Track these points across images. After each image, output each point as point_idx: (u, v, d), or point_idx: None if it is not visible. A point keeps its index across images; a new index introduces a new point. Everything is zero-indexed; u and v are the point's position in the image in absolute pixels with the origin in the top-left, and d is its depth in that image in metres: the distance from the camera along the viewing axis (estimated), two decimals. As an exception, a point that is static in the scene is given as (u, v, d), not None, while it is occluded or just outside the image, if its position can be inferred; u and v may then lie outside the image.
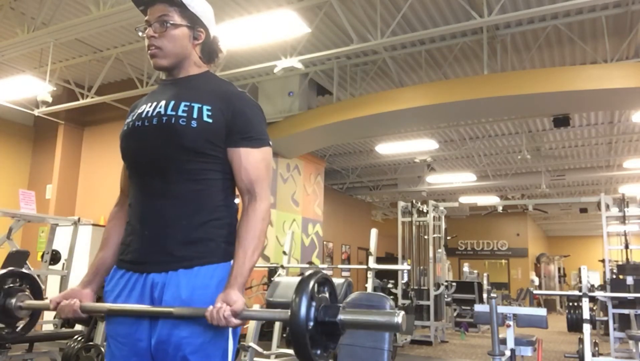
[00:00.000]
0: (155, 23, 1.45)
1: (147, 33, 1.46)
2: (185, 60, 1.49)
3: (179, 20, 1.46)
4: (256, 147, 1.42)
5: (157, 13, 1.46)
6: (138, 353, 1.37)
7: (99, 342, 4.04)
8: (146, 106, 1.47)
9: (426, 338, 7.83)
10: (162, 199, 1.39)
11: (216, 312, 1.23)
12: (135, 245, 1.41)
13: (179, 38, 1.46)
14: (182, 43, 1.47)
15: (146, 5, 1.48)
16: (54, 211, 7.83)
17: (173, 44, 1.46)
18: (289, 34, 5.64)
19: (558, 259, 18.39)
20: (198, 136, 1.38)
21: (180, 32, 1.46)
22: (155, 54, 1.46)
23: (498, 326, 3.80)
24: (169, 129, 1.39)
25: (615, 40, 6.36)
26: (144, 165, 1.43)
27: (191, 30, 1.48)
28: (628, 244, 7.57)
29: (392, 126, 7.78)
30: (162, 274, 1.35)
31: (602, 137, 9.79)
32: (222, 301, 1.25)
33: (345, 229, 13.87)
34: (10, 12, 5.94)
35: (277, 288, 3.54)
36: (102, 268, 1.50)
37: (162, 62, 1.47)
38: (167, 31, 1.45)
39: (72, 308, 1.40)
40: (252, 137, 1.42)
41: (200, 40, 1.50)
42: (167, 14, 1.45)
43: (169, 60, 1.47)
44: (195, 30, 1.49)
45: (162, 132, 1.40)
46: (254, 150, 1.42)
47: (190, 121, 1.38)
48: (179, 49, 1.47)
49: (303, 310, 1.16)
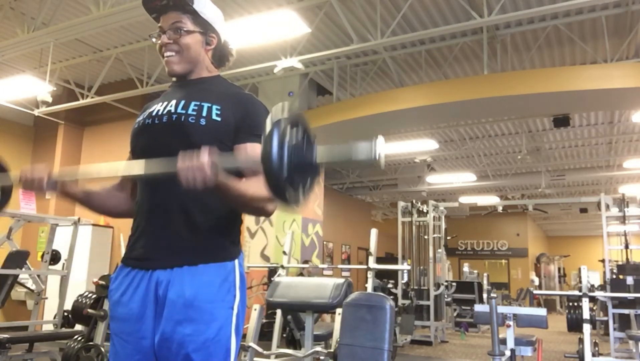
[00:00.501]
0: (169, 30, 1.48)
1: (161, 40, 1.49)
2: (198, 65, 1.53)
3: (192, 27, 1.49)
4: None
5: (170, 20, 1.48)
6: (141, 350, 1.37)
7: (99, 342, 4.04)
8: (158, 105, 1.51)
9: (426, 338, 7.82)
10: (169, 196, 1.41)
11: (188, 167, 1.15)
12: (142, 242, 1.43)
13: (193, 44, 1.49)
14: (196, 49, 1.50)
15: (159, 12, 1.51)
16: (54, 211, 7.83)
17: (187, 50, 1.49)
18: (289, 34, 5.64)
19: (558, 259, 18.39)
20: (206, 133, 1.39)
21: (194, 39, 1.49)
22: (170, 61, 1.49)
23: (498, 326, 3.80)
24: (178, 127, 1.41)
25: (615, 40, 6.36)
26: None
27: (204, 36, 1.52)
28: (628, 244, 7.57)
29: (392, 126, 7.79)
30: (167, 271, 1.36)
31: (602, 137, 9.79)
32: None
33: (345, 229, 13.87)
34: (10, 12, 5.94)
35: (277, 288, 3.54)
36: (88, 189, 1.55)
37: (177, 68, 1.50)
38: (181, 38, 1.48)
39: (41, 174, 1.40)
40: (259, 134, 1.43)
41: (213, 45, 1.54)
42: (181, 21, 1.48)
43: (184, 66, 1.50)
44: (208, 36, 1.52)
45: (172, 129, 1.42)
46: (260, 145, 1.43)
47: (199, 119, 1.41)
48: (193, 55, 1.50)
49: (275, 138, 1.08)
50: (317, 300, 3.32)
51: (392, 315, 2.81)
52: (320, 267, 7.96)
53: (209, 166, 1.15)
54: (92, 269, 7.20)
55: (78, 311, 4.51)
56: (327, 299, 3.27)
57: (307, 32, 5.55)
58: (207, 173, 1.15)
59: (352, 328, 2.83)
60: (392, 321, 2.81)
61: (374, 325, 2.76)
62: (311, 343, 3.46)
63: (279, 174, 1.08)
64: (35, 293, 5.08)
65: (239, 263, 1.44)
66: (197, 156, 1.15)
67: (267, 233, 8.37)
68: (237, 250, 1.44)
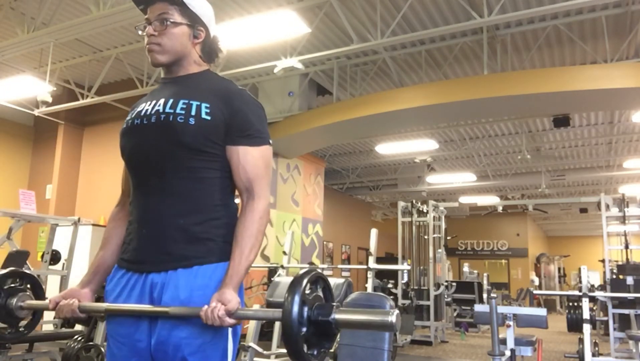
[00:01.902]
0: (155, 21, 1.46)
1: (147, 31, 1.47)
2: (185, 58, 1.50)
3: (179, 19, 1.46)
4: (255, 145, 1.42)
5: (157, 11, 1.46)
6: (138, 353, 1.37)
7: (99, 342, 4.04)
8: (146, 104, 1.48)
9: (426, 338, 7.83)
10: (160, 197, 1.39)
11: (210, 311, 1.23)
12: (134, 244, 1.41)
13: (179, 36, 1.47)
14: (182, 41, 1.47)
15: (146, 4, 1.49)
16: (54, 211, 7.83)
17: (172, 41, 1.46)
18: (289, 34, 5.64)
19: (558, 259, 18.39)
20: (196, 133, 1.37)
21: (180, 30, 1.47)
22: (153, 49, 1.46)
23: (498, 326, 3.80)
24: (167, 127, 1.39)
25: (615, 40, 6.36)
26: (142, 163, 1.43)
27: (191, 28, 1.49)
28: (628, 244, 7.57)
29: (392, 126, 7.79)
30: (161, 274, 1.36)
31: (602, 137, 9.79)
32: (216, 300, 1.25)
33: (345, 229, 13.87)
34: (10, 12, 5.94)
35: (277, 288, 3.54)
36: (102, 267, 1.51)
37: (160, 58, 1.47)
38: (167, 29, 1.45)
39: (71, 307, 1.40)
40: (251, 135, 1.42)
41: (200, 39, 1.51)
42: (167, 12, 1.45)
43: (168, 56, 1.47)
44: (195, 29, 1.49)
45: (161, 129, 1.40)
46: (253, 148, 1.42)
47: (188, 118, 1.38)
48: (179, 47, 1.47)
49: (295, 308, 1.15)
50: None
51: (392, 315, 2.80)
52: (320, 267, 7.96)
53: (228, 316, 1.25)
54: (92, 269, 7.19)
55: (78, 311, 4.50)
56: (327, 299, 3.26)
57: (307, 32, 5.55)
58: (225, 322, 1.25)
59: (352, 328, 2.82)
60: (392, 321, 2.80)
61: (374, 325, 2.76)
62: (311, 343, 3.45)
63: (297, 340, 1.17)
64: (35, 293, 5.07)
65: None
66: (219, 307, 1.24)
67: (267, 233, 8.36)
68: (231, 249, 1.43)
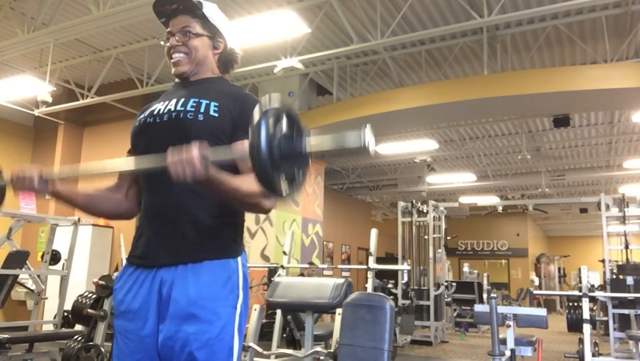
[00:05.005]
0: (179, 33, 1.53)
1: (170, 42, 1.53)
2: (203, 67, 1.57)
3: (200, 31, 1.54)
4: None
5: (179, 24, 1.53)
6: (145, 348, 1.39)
7: (99, 342, 4.04)
8: (159, 104, 1.53)
9: (426, 338, 7.82)
10: (170, 194, 1.42)
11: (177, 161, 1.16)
12: (145, 240, 1.45)
13: (201, 47, 1.54)
14: (203, 52, 1.55)
15: (168, 17, 1.56)
16: (54, 211, 7.81)
17: (195, 52, 1.53)
18: (289, 34, 5.64)
19: (558, 260, 18.39)
20: (204, 129, 1.41)
21: (202, 42, 1.54)
22: (179, 61, 1.53)
23: (498, 326, 3.80)
24: (177, 124, 1.44)
25: (615, 40, 6.36)
26: None
27: (211, 40, 1.56)
28: (628, 244, 7.57)
29: (392, 126, 7.78)
30: (171, 269, 1.38)
31: (602, 137, 9.79)
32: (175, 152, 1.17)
33: (345, 229, 13.87)
34: (10, 12, 5.94)
35: (277, 288, 3.54)
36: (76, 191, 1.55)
37: (184, 68, 1.53)
38: (190, 40, 1.52)
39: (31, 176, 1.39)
40: None
41: (220, 50, 1.59)
42: (190, 25, 1.52)
43: (190, 67, 1.54)
44: (215, 40, 1.57)
45: (171, 127, 1.44)
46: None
47: (197, 115, 1.43)
48: (201, 57, 1.54)
49: (262, 128, 1.04)
50: (317, 300, 3.32)
51: (392, 315, 2.81)
52: (320, 267, 7.96)
53: (198, 159, 1.15)
54: (92, 270, 7.20)
55: (78, 311, 4.51)
56: (327, 299, 3.27)
57: (307, 32, 5.55)
58: (196, 166, 1.15)
59: (352, 328, 2.83)
60: (392, 321, 2.81)
61: (374, 325, 2.77)
62: (311, 343, 3.46)
63: (266, 164, 1.06)
64: (35, 293, 5.08)
65: (242, 263, 1.45)
66: (186, 150, 1.16)
67: (267, 233, 8.37)
68: (239, 248, 1.46)
